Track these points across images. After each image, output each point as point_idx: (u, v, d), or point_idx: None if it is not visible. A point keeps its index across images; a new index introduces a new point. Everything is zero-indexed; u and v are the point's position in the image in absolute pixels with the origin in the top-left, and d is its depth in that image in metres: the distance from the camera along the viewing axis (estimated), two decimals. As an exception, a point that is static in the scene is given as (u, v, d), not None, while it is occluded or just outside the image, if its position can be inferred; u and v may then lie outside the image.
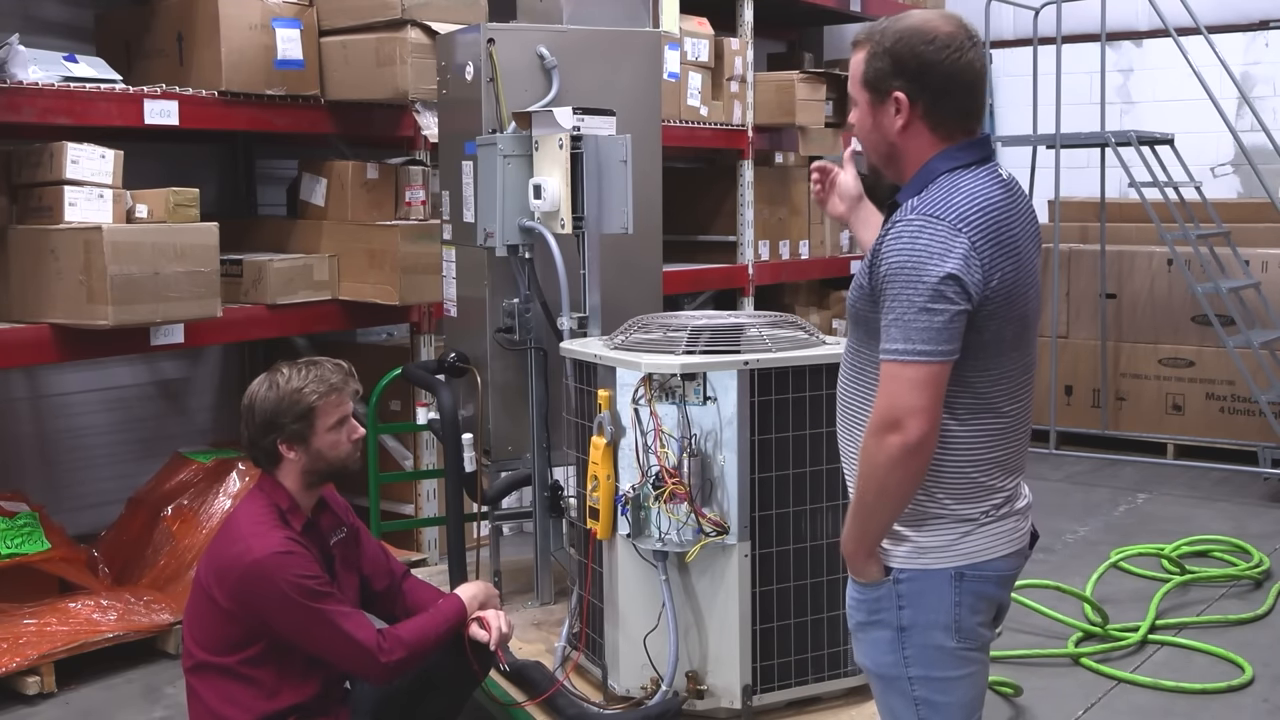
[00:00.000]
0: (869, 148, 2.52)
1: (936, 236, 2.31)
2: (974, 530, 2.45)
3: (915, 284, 2.29)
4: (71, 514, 5.58)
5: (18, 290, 4.66)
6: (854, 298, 2.49)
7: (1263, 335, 7.57)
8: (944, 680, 2.49)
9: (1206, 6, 8.45)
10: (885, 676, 2.53)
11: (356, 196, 5.47)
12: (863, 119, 2.49)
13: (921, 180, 2.44)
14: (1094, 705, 4.44)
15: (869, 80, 2.45)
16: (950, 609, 2.45)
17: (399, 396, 5.80)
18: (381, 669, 3.20)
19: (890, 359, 2.31)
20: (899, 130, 2.45)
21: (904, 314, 2.30)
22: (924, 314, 2.28)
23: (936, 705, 2.50)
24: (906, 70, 2.41)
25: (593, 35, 4.50)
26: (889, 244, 2.35)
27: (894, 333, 2.31)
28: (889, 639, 2.49)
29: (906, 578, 2.45)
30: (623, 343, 3.66)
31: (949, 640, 2.46)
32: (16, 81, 4.49)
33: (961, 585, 2.45)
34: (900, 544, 2.46)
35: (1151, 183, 7.77)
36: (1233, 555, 5.96)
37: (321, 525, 3.33)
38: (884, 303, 2.34)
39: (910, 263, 2.31)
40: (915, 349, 2.29)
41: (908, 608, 2.46)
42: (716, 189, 7.63)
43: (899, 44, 2.41)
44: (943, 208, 2.34)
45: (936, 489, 2.43)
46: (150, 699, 4.55)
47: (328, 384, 3.22)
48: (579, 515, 3.75)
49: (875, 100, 2.45)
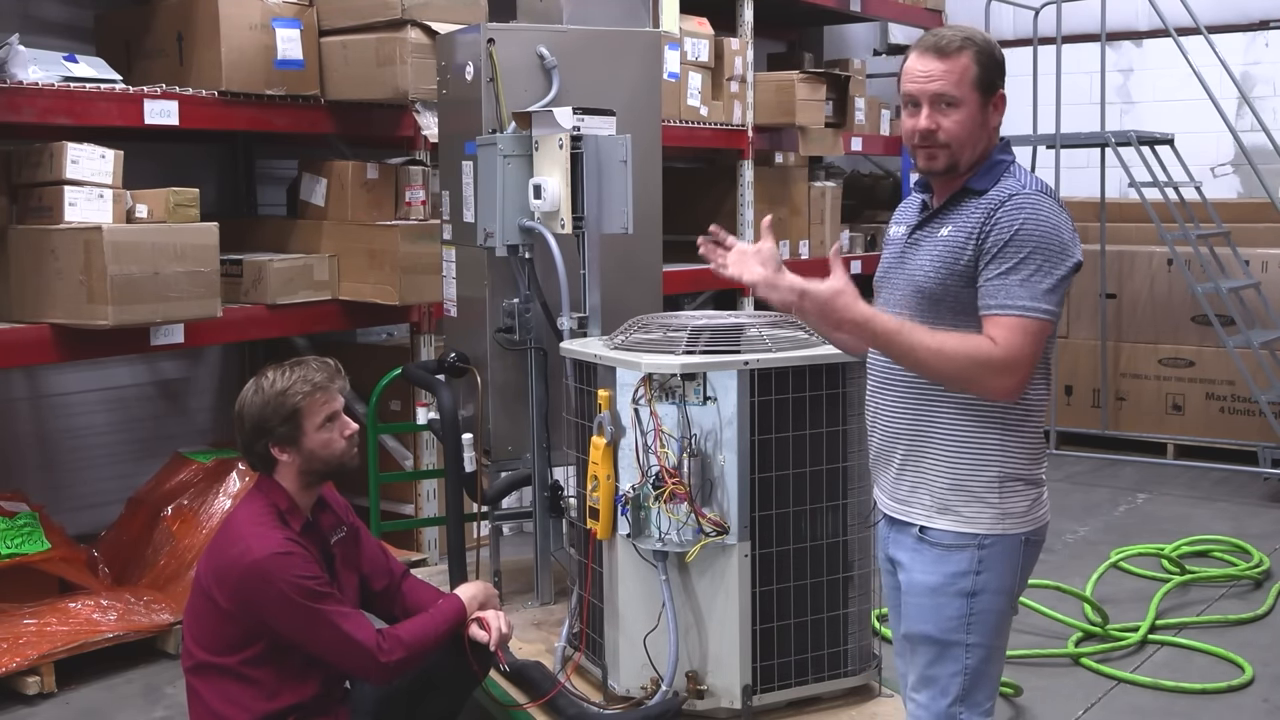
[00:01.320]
0: (968, 145, 2.66)
1: (1054, 211, 2.58)
2: (1039, 495, 2.68)
3: (1043, 249, 2.53)
4: (71, 514, 5.58)
5: (18, 290, 4.65)
6: (941, 277, 2.63)
7: (1263, 335, 7.57)
8: (993, 647, 2.69)
9: (1206, 6, 8.45)
10: (944, 642, 2.67)
11: (356, 196, 5.46)
12: (971, 117, 2.64)
13: (994, 169, 2.66)
14: (1094, 705, 4.44)
15: (984, 81, 2.64)
16: (1015, 573, 2.67)
17: (399, 396, 5.80)
18: (381, 669, 3.20)
19: (1014, 314, 2.52)
20: (994, 126, 2.68)
21: (1030, 273, 2.52)
22: (1052, 278, 2.52)
23: (980, 674, 2.68)
24: (1003, 72, 2.69)
25: (593, 35, 4.50)
26: (1011, 214, 2.56)
27: (1018, 290, 2.52)
28: (958, 604, 2.65)
29: (990, 543, 2.63)
30: (623, 343, 3.66)
31: (1007, 605, 2.68)
32: (16, 81, 4.49)
33: (1026, 550, 2.68)
34: (985, 510, 2.63)
35: (1151, 183, 7.77)
36: (1233, 555, 5.95)
37: (321, 525, 3.32)
38: (998, 264, 2.54)
39: (1038, 231, 2.54)
40: (1042, 308, 2.52)
41: (985, 573, 2.64)
42: (716, 189, 7.63)
43: (997, 50, 2.67)
44: (1045, 188, 2.62)
45: (1018, 449, 2.64)
46: (150, 699, 4.55)
47: (312, 383, 3.21)
48: (579, 515, 3.75)
49: (985, 100, 2.65)
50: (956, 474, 2.64)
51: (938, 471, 2.66)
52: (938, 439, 2.65)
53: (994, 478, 2.62)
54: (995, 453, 2.63)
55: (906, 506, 2.71)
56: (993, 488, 2.62)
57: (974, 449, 2.63)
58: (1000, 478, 2.62)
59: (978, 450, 2.63)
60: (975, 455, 2.63)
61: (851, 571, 3.62)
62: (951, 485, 2.64)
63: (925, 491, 2.67)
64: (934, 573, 2.66)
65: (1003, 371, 2.51)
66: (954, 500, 2.64)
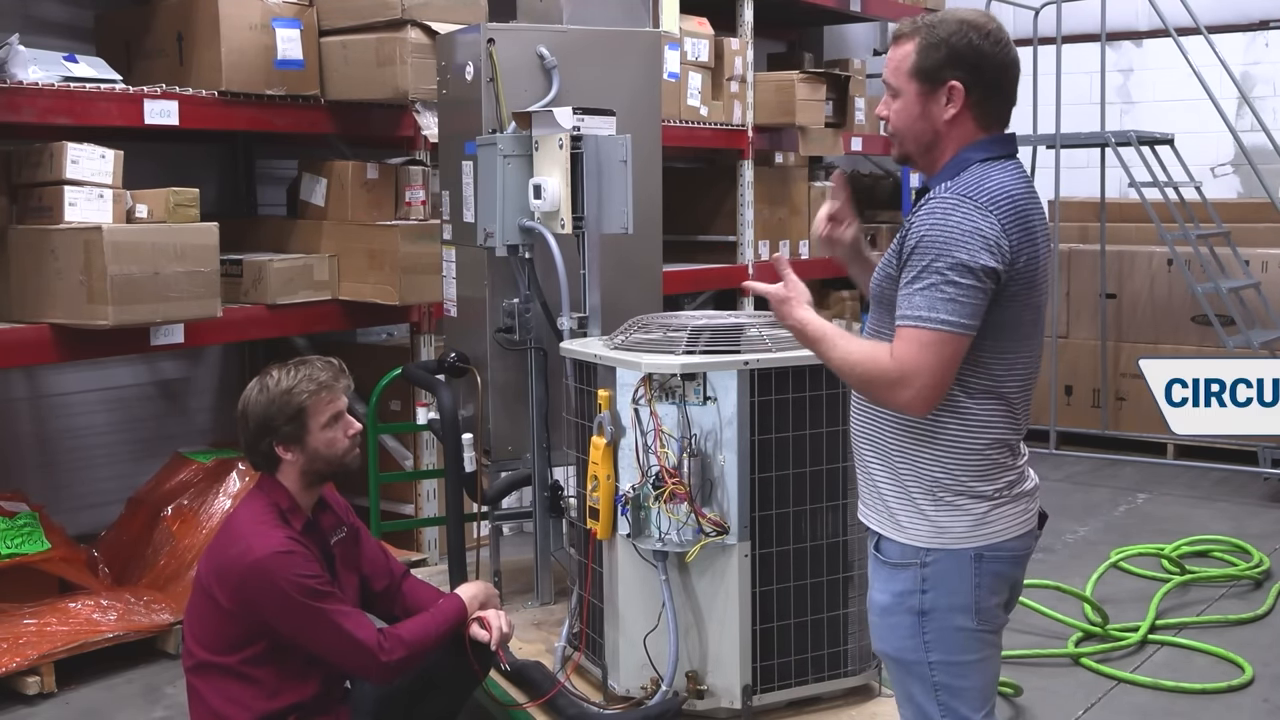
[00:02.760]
0: (909, 136, 2.57)
1: (969, 216, 2.40)
2: (990, 510, 2.52)
3: (944, 257, 2.38)
4: (71, 514, 5.58)
5: (18, 290, 4.65)
6: (879, 279, 2.57)
7: (1263, 335, 7.56)
8: (963, 664, 2.57)
9: (1206, 6, 8.45)
10: (905, 662, 2.60)
11: (356, 196, 5.46)
12: (908, 108, 2.54)
13: (955, 168, 2.52)
14: (1094, 705, 4.44)
15: (922, 70, 2.51)
16: (971, 590, 2.53)
17: (399, 396, 5.80)
18: (382, 668, 3.20)
19: (910, 324, 2.39)
20: (948, 119, 2.52)
21: (930, 284, 2.38)
22: (950, 286, 2.37)
23: (955, 690, 2.57)
24: (964, 62, 2.49)
25: (593, 35, 4.50)
26: (921, 219, 2.44)
27: (917, 300, 2.39)
28: (910, 624, 2.56)
29: (932, 560, 2.53)
30: (623, 343, 3.66)
31: (969, 622, 2.54)
32: (16, 81, 4.49)
33: (981, 566, 2.53)
34: (922, 522, 2.53)
35: (1151, 183, 7.77)
36: (1233, 555, 5.95)
37: (322, 525, 3.32)
38: (907, 273, 2.42)
39: (941, 237, 2.39)
40: (938, 317, 2.38)
41: (930, 591, 2.54)
42: (716, 189, 7.63)
43: (955, 36, 2.49)
44: (975, 190, 2.44)
45: (955, 466, 2.51)
46: (150, 699, 4.55)
47: (317, 382, 3.22)
48: (579, 515, 3.74)
49: (925, 89, 2.52)
50: (896, 484, 2.56)
51: (881, 479, 2.59)
52: (881, 448, 2.58)
53: (928, 491, 2.52)
54: (928, 466, 2.52)
55: (867, 511, 2.66)
56: (928, 501, 2.52)
57: (908, 461, 2.54)
58: (935, 492, 2.52)
59: (911, 463, 2.53)
60: (909, 468, 2.54)
61: (851, 571, 3.62)
62: (893, 494, 2.57)
63: (877, 499, 2.61)
64: (884, 591, 2.60)
65: (897, 384, 2.40)
66: (897, 510, 2.56)
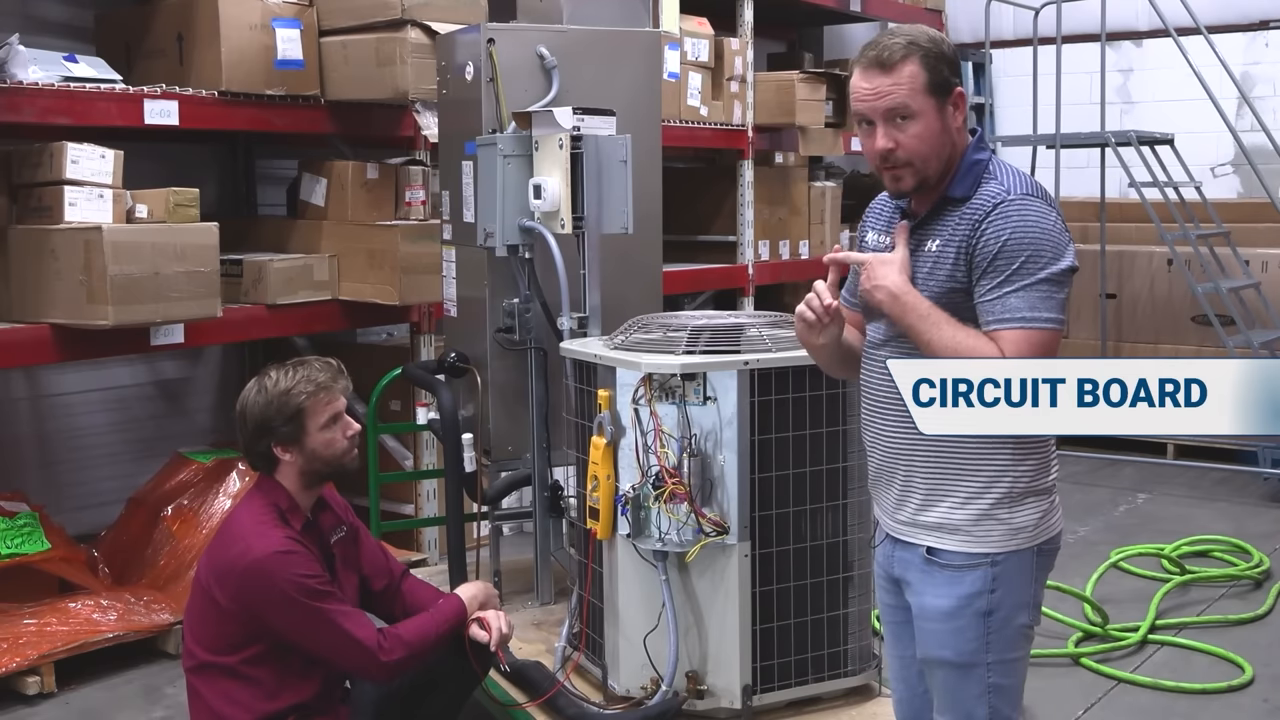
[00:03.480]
0: (933, 157, 2.52)
1: (1047, 215, 2.46)
2: (1051, 506, 2.59)
3: (1048, 259, 2.43)
4: (71, 514, 5.58)
5: (18, 290, 4.65)
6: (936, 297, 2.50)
7: (1263, 335, 7.56)
8: (1013, 661, 2.61)
9: (1206, 6, 8.45)
10: (965, 665, 2.60)
11: (356, 196, 5.46)
12: (931, 126, 2.51)
13: (971, 172, 2.54)
14: (1094, 705, 4.44)
15: (936, 84, 2.50)
16: (1031, 585, 2.59)
17: (399, 396, 5.80)
18: (381, 668, 3.20)
19: (1017, 326, 2.42)
20: (958, 127, 2.55)
21: (1025, 284, 2.42)
22: (1047, 284, 2.42)
23: (1003, 690, 2.60)
24: (956, 66, 2.55)
25: (593, 35, 4.50)
26: (999, 222, 2.45)
27: (1013, 302, 2.42)
28: (976, 626, 2.57)
29: (1003, 560, 2.54)
30: (623, 343, 3.66)
31: (1027, 618, 2.60)
32: (16, 81, 4.49)
33: (1039, 561, 2.59)
34: (996, 527, 2.54)
35: (1151, 183, 7.77)
36: (1233, 555, 5.95)
37: (321, 525, 3.32)
38: (993, 277, 2.44)
39: (1037, 236, 2.43)
40: (1045, 316, 2.42)
41: (999, 590, 2.55)
42: (716, 189, 7.63)
43: (945, 45, 2.54)
44: (1029, 187, 2.50)
45: (1027, 462, 2.55)
46: (150, 699, 4.55)
47: (315, 383, 3.22)
48: (579, 515, 3.74)
49: (941, 103, 2.52)
50: (964, 494, 2.53)
51: (944, 492, 2.55)
52: (943, 459, 2.54)
53: (1003, 495, 2.52)
54: (1005, 469, 2.52)
55: (913, 528, 2.61)
56: (1003, 505, 2.52)
57: (981, 467, 2.52)
58: (1010, 495, 2.53)
59: (985, 468, 2.52)
60: (983, 473, 2.52)
61: (851, 571, 3.62)
62: (959, 505, 2.53)
63: (932, 513, 2.57)
64: (947, 595, 2.56)
65: None
66: (962, 520, 2.54)
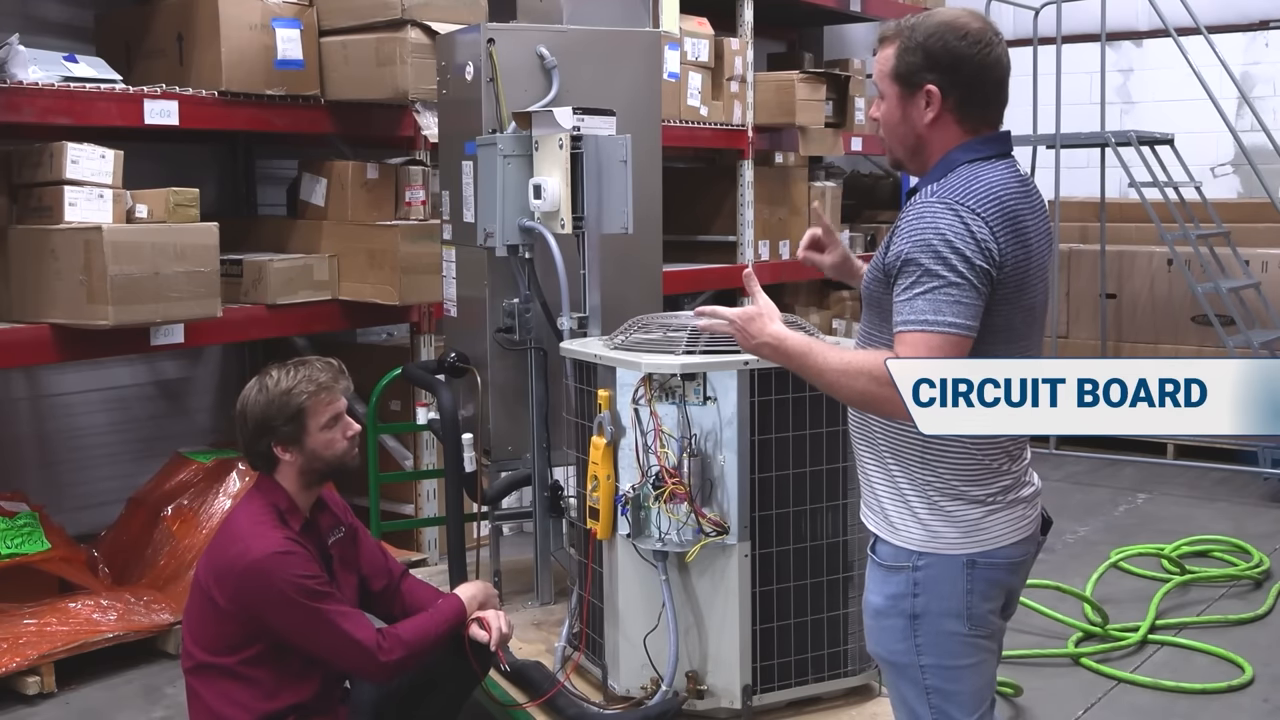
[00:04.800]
0: (894, 140, 2.58)
1: (957, 219, 2.38)
2: (984, 517, 2.51)
3: (939, 261, 2.36)
4: (71, 514, 5.58)
5: (18, 290, 4.65)
6: (869, 281, 2.56)
7: (1263, 335, 7.56)
8: (955, 668, 2.56)
9: (1206, 6, 8.46)
10: (898, 664, 2.59)
11: (356, 196, 5.46)
12: (890, 111, 2.55)
13: (942, 170, 2.51)
14: (1094, 705, 4.44)
15: (900, 74, 2.51)
16: (962, 596, 2.52)
17: (399, 396, 5.80)
18: (381, 668, 3.20)
19: (914, 329, 2.36)
20: (928, 123, 2.52)
21: (930, 287, 2.36)
22: (951, 289, 2.35)
23: (948, 693, 2.56)
24: (939, 64, 2.49)
25: (593, 35, 4.50)
26: (908, 224, 2.43)
27: (919, 304, 2.36)
28: (902, 627, 2.55)
29: (924, 564, 2.51)
30: (623, 343, 3.66)
31: (961, 627, 2.53)
32: (16, 81, 4.49)
33: (973, 573, 2.52)
34: (915, 526, 2.51)
35: (1151, 183, 7.77)
36: (1233, 555, 5.95)
37: (320, 525, 3.32)
38: (899, 280, 2.41)
39: (933, 241, 2.37)
40: (943, 320, 2.35)
41: (922, 595, 2.52)
42: (716, 189, 7.63)
43: (932, 39, 2.48)
44: (961, 194, 2.42)
45: (946, 470, 2.49)
46: (150, 699, 4.55)
47: (316, 383, 3.22)
48: (579, 515, 3.74)
49: (905, 93, 2.52)
50: (890, 487, 2.54)
51: (877, 481, 2.57)
52: (876, 451, 2.56)
53: (920, 495, 2.50)
54: (921, 470, 2.50)
55: (867, 512, 2.65)
56: (921, 504, 2.50)
57: (902, 464, 2.52)
58: (928, 495, 2.50)
59: (904, 466, 2.52)
60: (902, 470, 2.52)
61: (851, 571, 3.61)
62: (887, 497, 2.55)
63: (873, 500, 2.60)
64: (878, 593, 2.59)
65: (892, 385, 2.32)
66: (891, 512, 2.55)
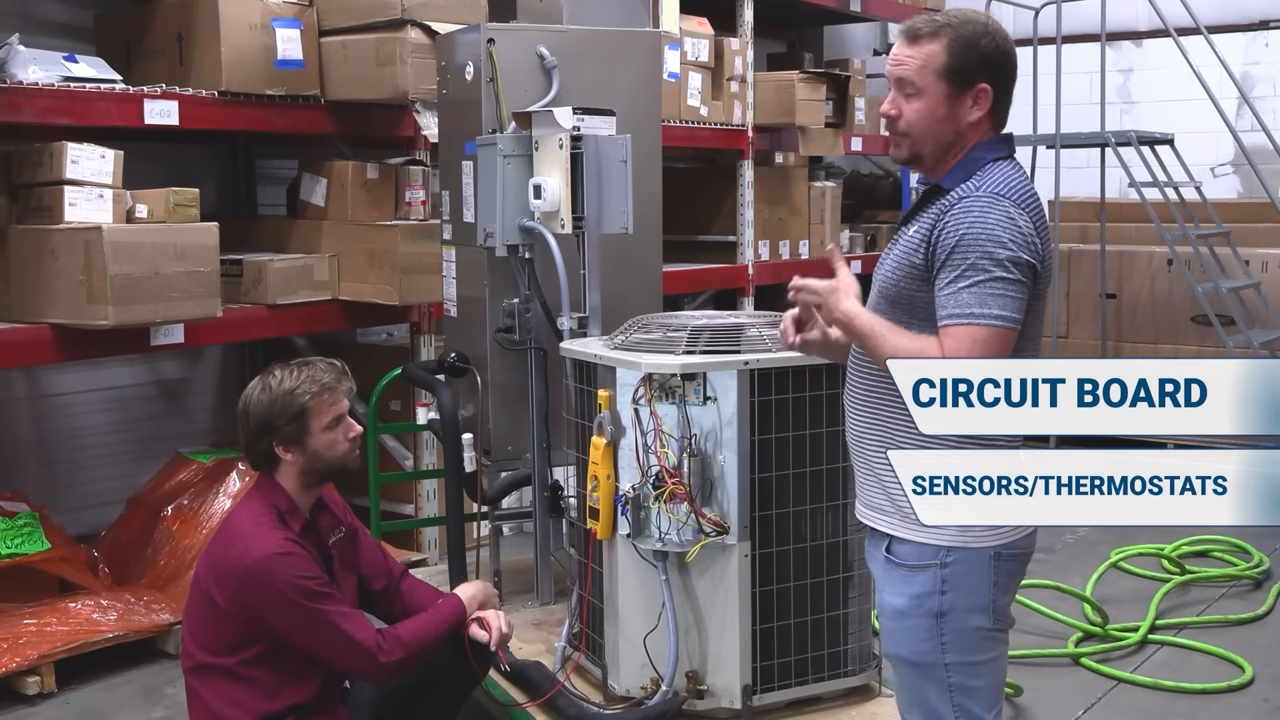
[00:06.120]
0: (928, 136, 2.56)
1: (1008, 214, 2.43)
2: None
3: (990, 255, 2.41)
4: (71, 514, 5.58)
5: (18, 290, 4.65)
6: (897, 278, 2.55)
7: (1263, 335, 7.56)
8: (977, 664, 2.58)
9: (1206, 6, 8.46)
10: (922, 664, 2.59)
11: (356, 196, 5.46)
12: (932, 108, 2.54)
13: (968, 167, 2.54)
14: (1094, 705, 4.44)
15: (953, 70, 2.52)
16: (989, 590, 2.54)
17: (399, 396, 5.80)
18: (381, 669, 3.20)
19: (962, 322, 2.40)
20: (972, 122, 2.54)
21: (978, 280, 2.40)
22: (999, 283, 2.40)
23: (970, 690, 2.58)
24: (992, 64, 2.53)
25: (593, 35, 4.50)
26: (957, 217, 2.45)
27: (965, 297, 2.40)
28: (927, 626, 2.55)
29: (952, 560, 2.52)
30: (623, 343, 3.66)
31: (986, 621, 2.55)
32: (16, 81, 4.49)
33: (998, 565, 2.54)
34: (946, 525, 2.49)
35: (1151, 183, 7.77)
36: (1233, 555, 5.95)
37: (320, 525, 3.32)
38: (947, 272, 2.43)
39: (984, 235, 2.42)
40: (992, 313, 2.39)
41: (950, 591, 2.53)
42: (716, 189, 7.63)
43: (985, 39, 2.52)
44: (1004, 189, 2.47)
45: None
46: (150, 699, 4.55)
47: (320, 384, 3.21)
48: (579, 515, 3.74)
49: (955, 90, 2.53)
50: None
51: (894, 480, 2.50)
52: (897, 444, 2.53)
53: None
54: None
55: (874, 513, 2.62)
56: None
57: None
58: None
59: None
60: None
61: (851, 571, 3.61)
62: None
63: (887, 501, 2.58)
64: (900, 594, 2.58)
65: None
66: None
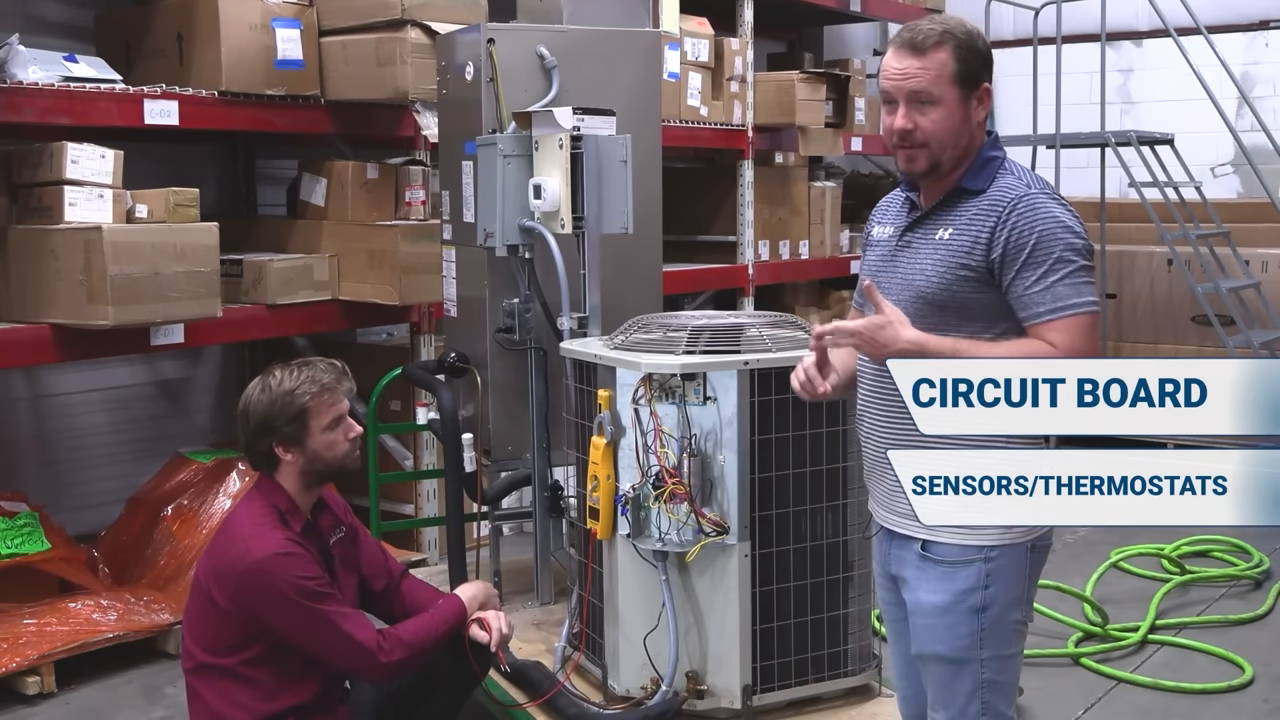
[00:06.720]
0: (948, 144, 2.58)
1: (1065, 208, 2.54)
2: None
3: (1070, 248, 2.48)
4: (71, 514, 5.58)
5: (18, 290, 4.65)
6: (946, 283, 2.56)
7: (1263, 335, 7.56)
8: (1007, 657, 2.62)
9: (1206, 6, 8.46)
10: (959, 661, 2.61)
11: (356, 196, 5.46)
12: (951, 115, 2.57)
13: (989, 167, 2.59)
14: (1094, 705, 4.44)
15: (963, 76, 2.56)
16: (1025, 582, 2.60)
17: (399, 396, 5.80)
18: (381, 669, 3.20)
19: (1066, 314, 2.46)
20: (979, 122, 2.61)
21: (1067, 273, 2.48)
22: (1084, 272, 2.50)
23: (997, 685, 2.61)
24: (989, 64, 2.59)
25: (593, 35, 4.50)
26: (1026, 216, 2.50)
27: (1060, 290, 2.47)
28: (970, 622, 2.57)
29: (996, 554, 2.55)
30: (623, 343, 3.66)
31: (1020, 614, 2.61)
32: (16, 81, 4.49)
33: (1033, 557, 2.59)
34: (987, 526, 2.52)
35: (1151, 183, 7.77)
36: (1233, 555, 5.95)
37: (320, 525, 3.32)
38: (1032, 271, 2.48)
39: (1060, 228, 2.50)
40: (1088, 300, 2.49)
41: (993, 585, 2.56)
42: (716, 189, 7.63)
43: (979, 41, 2.58)
44: (1042, 183, 2.58)
45: None
46: (150, 699, 4.55)
47: (320, 384, 3.21)
48: (579, 515, 3.75)
49: (965, 95, 2.57)
50: None
51: None
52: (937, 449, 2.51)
53: None
54: None
55: (908, 520, 2.59)
56: None
57: None
58: None
59: None
60: None
61: (851, 571, 3.62)
62: None
63: None
64: (941, 591, 2.58)
65: None
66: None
